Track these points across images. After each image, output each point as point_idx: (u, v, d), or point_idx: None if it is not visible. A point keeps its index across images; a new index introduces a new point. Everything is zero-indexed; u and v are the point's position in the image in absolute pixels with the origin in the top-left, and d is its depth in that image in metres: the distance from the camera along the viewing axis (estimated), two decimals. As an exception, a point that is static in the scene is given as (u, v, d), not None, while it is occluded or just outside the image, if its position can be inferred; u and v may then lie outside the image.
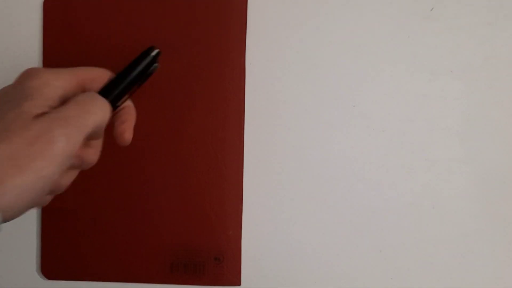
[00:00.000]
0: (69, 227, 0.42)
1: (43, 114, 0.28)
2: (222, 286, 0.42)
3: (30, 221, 0.43)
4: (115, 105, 0.35)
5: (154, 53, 0.37)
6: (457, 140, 0.42)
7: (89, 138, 0.31)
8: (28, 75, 0.30)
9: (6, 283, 0.43)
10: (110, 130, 0.35)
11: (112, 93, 0.34)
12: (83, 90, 0.33)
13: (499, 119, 0.42)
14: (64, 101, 0.30)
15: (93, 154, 0.33)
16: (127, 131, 0.35)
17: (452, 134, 0.42)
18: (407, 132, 0.42)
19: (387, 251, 0.42)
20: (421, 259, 0.42)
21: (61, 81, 0.31)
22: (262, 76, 0.42)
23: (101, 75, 0.34)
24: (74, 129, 0.28)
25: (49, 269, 0.42)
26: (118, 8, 0.42)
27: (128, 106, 0.36)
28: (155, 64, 0.37)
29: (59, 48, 0.42)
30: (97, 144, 0.34)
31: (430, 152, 0.42)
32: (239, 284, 0.42)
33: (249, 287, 0.42)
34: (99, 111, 0.31)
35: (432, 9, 0.42)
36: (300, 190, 0.42)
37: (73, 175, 0.34)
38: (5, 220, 0.27)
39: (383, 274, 0.42)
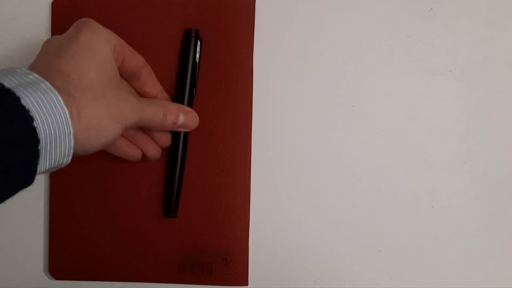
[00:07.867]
0: (77, 227, 0.42)
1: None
2: (230, 286, 0.42)
3: (38, 221, 0.43)
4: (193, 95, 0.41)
5: (193, 33, 0.40)
6: (456, 140, 0.42)
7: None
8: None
9: (14, 283, 0.43)
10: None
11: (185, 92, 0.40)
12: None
13: (498, 119, 0.42)
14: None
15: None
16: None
17: (451, 134, 0.42)
18: (406, 132, 0.42)
19: (387, 251, 0.43)
20: (420, 259, 0.42)
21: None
22: (270, 77, 0.42)
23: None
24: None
25: (57, 269, 0.42)
26: (126, 9, 0.41)
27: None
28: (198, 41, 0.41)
29: (67, 48, 0.42)
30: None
31: (429, 151, 0.42)
32: (247, 284, 0.42)
33: (257, 287, 0.42)
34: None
35: (431, 9, 0.42)
36: (304, 190, 0.42)
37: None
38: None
39: (383, 273, 0.43)
